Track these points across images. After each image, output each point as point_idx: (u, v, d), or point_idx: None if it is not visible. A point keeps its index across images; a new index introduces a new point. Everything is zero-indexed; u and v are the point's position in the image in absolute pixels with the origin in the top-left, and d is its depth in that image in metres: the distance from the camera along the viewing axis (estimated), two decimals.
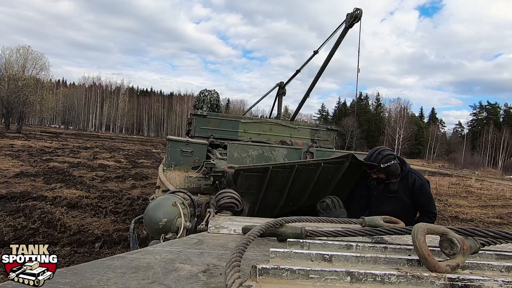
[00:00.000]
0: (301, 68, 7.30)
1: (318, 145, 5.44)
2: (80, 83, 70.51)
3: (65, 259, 3.58)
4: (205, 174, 3.15)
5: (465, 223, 7.33)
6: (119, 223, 5.04)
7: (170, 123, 69.38)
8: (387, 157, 2.36)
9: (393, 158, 2.38)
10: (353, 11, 5.19)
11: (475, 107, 63.37)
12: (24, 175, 8.21)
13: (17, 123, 30.31)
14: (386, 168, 2.36)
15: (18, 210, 5.12)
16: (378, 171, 2.41)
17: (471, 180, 18.52)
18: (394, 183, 2.44)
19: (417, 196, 2.42)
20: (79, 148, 18.20)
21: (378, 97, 68.00)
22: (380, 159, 2.37)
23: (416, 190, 2.41)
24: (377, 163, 2.37)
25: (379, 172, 2.42)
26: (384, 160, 2.36)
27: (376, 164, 2.37)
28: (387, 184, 2.47)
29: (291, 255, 0.77)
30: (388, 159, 2.36)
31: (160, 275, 0.74)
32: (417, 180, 2.43)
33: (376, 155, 2.40)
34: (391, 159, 2.37)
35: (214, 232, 1.24)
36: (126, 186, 8.31)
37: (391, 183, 2.45)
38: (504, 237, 0.88)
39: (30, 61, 31.95)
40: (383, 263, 0.76)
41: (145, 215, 1.50)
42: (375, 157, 2.40)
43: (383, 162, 2.36)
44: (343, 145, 48.10)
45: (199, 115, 5.06)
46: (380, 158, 2.37)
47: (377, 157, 2.39)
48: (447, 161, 46.82)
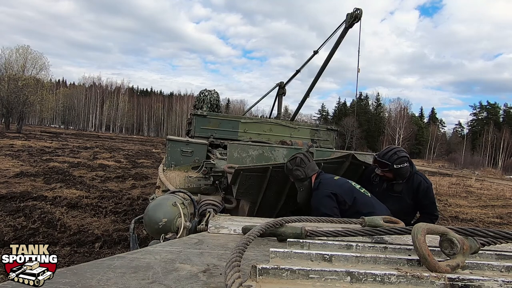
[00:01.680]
0: (301, 68, 7.30)
1: (318, 145, 5.44)
2: (80, 83, 70.61)
3: (65, 259, 3.58)
4: (205, 174, 3.15)
5: (465, 223, 7.33)
6: (119, 223, 5.04)
7: (170, 123, 69.37)
8: (402, 159, 2.33)
9: (406, 161, 2.35)
10: (353, 11, 5.19)
11: (475, 107, 63.40)
12: (24, 175, 8.21)
13: (17, 123, 30.30)
14: (398, 170, 2.33)
15: (18, 210, 5.12)
16: (389, 171, 2.38)
17: (471, 180, 18.52)
18: (400, 183, 2.42)
19: (421, 198, 2.40)
20: (79, 148, 18.20)
21: (378, 97, 68.02)
22: (395, 160, 2.33)
23: (421, 192, 2.39)
24: (391, 163, 2.33)
25: (389, 172, 2.39)
26: (398, 161, 2.33)
27: (390, 163, 2.33)
28: (392, 184, 2.44)
29: (291, 255, 0.77)
30: (402, 161, 2.33)
31: (160, 275, 0.74)
32: (422, 183, 2.41)
33: (392, 155, 2.36)
34: (405, 161, 2.34)
35: (214, 232, 1.24)
36: (126, 186, 8.31)
37: (397, 184, 2.42)
38: (504, 237, 0.88)
39: (30, 61, 31.95)
40: (383, 263, 0.76)
41: (145, 215, 1.50)
42: (390, 156, 2.36)
43: (396, 163, 2.32)
44: (343, 145, 48.08)
45: (199, 115, 5.06)
46: (395, 159, 2.33)
47: (392, 156, 2.35)
48: (447, 161, 46.83)
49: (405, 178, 2.41)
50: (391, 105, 62.17)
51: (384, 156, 2.38)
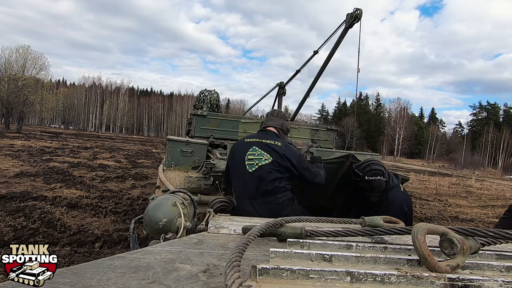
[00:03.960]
0: (301, 68, 7.29)
1: (318, 145, 5.43)
2: (80, 83, 70.69)
3: (65, 259, 3.58)
4: (205, 174, 3.15)
5: (465, 223, 7.33)
6: (119, 223, 5.04)
7: (170, 123, 69.38)
8: (374, 172, 2.33)
9: (380, 174, 2.33)
10: (353, 11, 5.18)
11: (475, 107, 63.47)
12: (24, 175, 8.21)
13: (17, 123, 30.31)
14: (369, 182, 2.33)
15: (18, 210, 5.12)
16: (361, 182, 2.39)
17: (471, 180, 18.52)
18: (375, 196, 2.41)
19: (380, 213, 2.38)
20: (79, 148, 18.20)
21: (378, 97, 68.08)
22: (367, 172, 2.34)
23: (381, 207, 2.35)
24: (362, 174, 2.35)
25: (362, 184, 2.39)
26: (370, 173, 2.33)
27: (362, 175, 2.36)
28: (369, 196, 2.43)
29: (291, 255, 0.77)
30: (374, 174, 2.32)
31: (160, 275, 0.74)
32: (385, 200, 2.37)
33: (365, 167, 2.38)
34: (378, 174, 2.33)
35: (214, 232, 1.24)
36: (126, 186, 8.31)
37: (372, 196, 2.41)
38: (504, 237, 0.88)
39: (29, 61, 31.98)
40: (383, 263, 0.76)
41: (145, 215, 1.50)
42: (363, 168, 2.38)
43: (368, 175, 2.33)
44: (343, 145, 48.09)
45: (199, 115, 5.05)
46: (367, 171, 2.34)
47: (364, 168, 2.37)
48: (447, 161, 46.82)
49: (380, 192, 2.38)
50: (391, 105, 62.32)
51: (359, 167, 2.41)
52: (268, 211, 2.08)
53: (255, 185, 2.16)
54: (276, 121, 2.43)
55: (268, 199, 2.15)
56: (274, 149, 2.18)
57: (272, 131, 2.37)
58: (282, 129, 2.42)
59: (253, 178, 2.17)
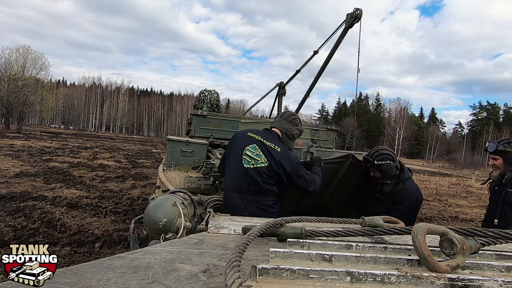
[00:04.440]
0: (301, 68, 7.28)
1: (318, 145, 5.43)
2: (80, 83, 70.70)
3: (65, 259, 3.58)
4: (205, 174, 3.15)
5: (465, 223, 7.33)
6: (119, 223, 5.04)
7: (170, 123, 69.39)
8: (383, 156, 2.41)
9: (390, 159, 2.40)
10: (353, 11, 5.17)
11: (475, 107, 63.51)
12: (24, 175, 8.21)
13: (17, 123, 30.31)
14: (379, 166, 2.39)
15: (18, 210, 5.12)
16: (372, 167, 2.45)
17: (471, 180, 18.52)
18: (389, 184, 2.44)
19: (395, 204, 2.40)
20: (79, 148, 18.20)
21: (378, 97, 68.10)
22: (376, 156, 2.43)
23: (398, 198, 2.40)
24: (372, 159, 2.43)
25: (374, 170, 2.45)
26: (379, 158, 2.41)
27: (371, 160, 2.43)
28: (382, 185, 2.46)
29: (291, 255, 0.76)
30: (383, 158, 2.40)
31: (160, 275, 0.74)
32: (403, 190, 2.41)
33: (374, 152, 2.48)
34: (387, 159, 2.39)
35: (214, 232, 1.24)
36: (126, 186, 8.31)
37: (386, 184, 2.44)
38: (504, 237, 0.88)
39: (29, 61, 31.99)
40: (383, 263, 0.76)
41: (145, 215, 1.50)
42: (372, 153, 2.48)
43: (378, 159, 2.40)
44: (343, 145, 48.10)
45: (199, 115, 5.05)
46: (376, 155, 2.43)
47: (373, 153, 2.47)
48: (447, 161, 46.84)
49: (393, 177, 2.42)
50: (391, 105, 62.32)
51: (368, 154, 2.53)
52: (256, 208, 2.15)
53: (248, 181, 2.19)
54: (283, 124, 2.40)
55: (258, 198, 2.20)
56: (272, 154, 2.19)
57: (276, 133, 2.36)
58: (287, 133, 2.38)
59: (247, 174, 2.19)
